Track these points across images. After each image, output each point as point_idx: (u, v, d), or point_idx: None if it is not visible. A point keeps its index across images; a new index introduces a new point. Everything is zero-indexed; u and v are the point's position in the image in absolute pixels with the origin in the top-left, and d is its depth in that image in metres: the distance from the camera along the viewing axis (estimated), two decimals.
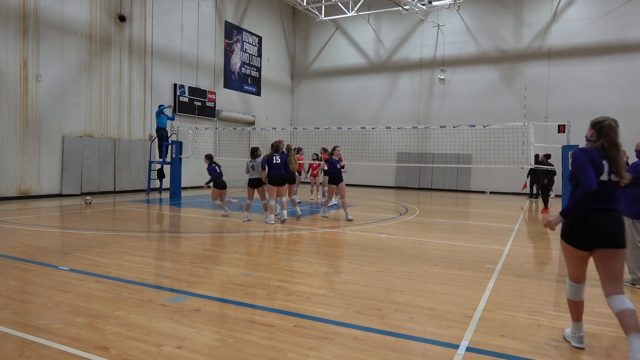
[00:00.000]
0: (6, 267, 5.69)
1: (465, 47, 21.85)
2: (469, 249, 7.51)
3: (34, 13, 13.51)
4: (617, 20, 18.80)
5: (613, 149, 3.31)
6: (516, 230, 9.90)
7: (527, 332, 3.88)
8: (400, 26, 23.32)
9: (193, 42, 19.38)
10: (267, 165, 9.86)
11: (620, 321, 3.24)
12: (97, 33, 15.40)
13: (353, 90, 24.57)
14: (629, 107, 18.56)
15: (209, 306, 4.40)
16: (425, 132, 20.86)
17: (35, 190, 13.80)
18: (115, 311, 4.16)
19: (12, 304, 4.31)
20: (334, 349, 3.44)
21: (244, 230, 8.94)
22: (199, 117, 19.46)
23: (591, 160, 3.34)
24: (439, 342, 3.62)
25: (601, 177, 3.33)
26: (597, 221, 3.29)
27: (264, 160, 9.97)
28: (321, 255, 6.90)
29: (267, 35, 24.17)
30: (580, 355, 3.44)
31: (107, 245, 7.14)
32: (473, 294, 4.94)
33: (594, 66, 19.25)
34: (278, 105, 25.44)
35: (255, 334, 3.70)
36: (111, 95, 16.00)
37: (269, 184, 9.97)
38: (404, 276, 5.68)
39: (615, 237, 3.29)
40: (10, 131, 13.11)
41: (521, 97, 19.27)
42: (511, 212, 13.73)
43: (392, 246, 7.65)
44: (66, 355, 3.24)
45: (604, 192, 3.31)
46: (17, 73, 13.21)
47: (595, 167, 3.31)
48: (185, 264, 6.10)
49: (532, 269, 6.23)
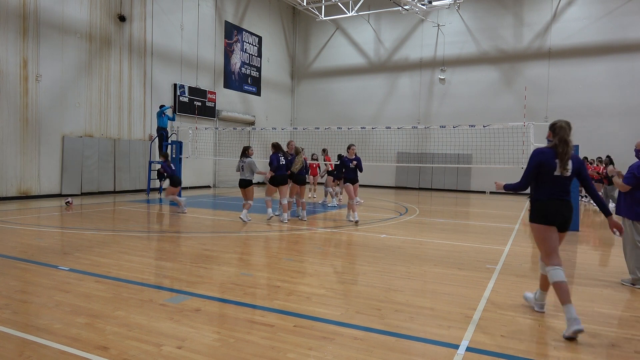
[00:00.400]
0: (6, 267, 5.69)
1: (465, 47, 21.86)
2: (469, 249, 7.51)
3: (34, 13, 13.51)
4: (617, 20, 18.80)
5: (562, 145, 3.94)
6: (516, 230, 9.90)
7: (527, 332, 3.88)
8: (400, 26, 23.32)
9: (193, 42, 19.38)
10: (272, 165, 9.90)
11: (556, 290, 3.90)
12: (97, 33, 15.40)
13: (353, 90, 24.57)
14: (629, 107, 18.57)
15: (209, 306, 4.40)
16: (425, 132, 20.87)
17: (35, 190, 13.80)
18: (115, 311, 4.16)
19: (12, 304, 4.31)
20: (334, 349, 3.44)
21: (244, 230, 8.94)
22: (199, 117, 19.46)
23: (540, 164, 3.98)
24: (439, 342, 3.62)
25: (555, 172, 3.95)
26: (554, 208, 3.99)
27: (275, 158, 9.90)
28: (321, 255, 6.90)
29: (267, 35, 24.17)
30: (580, 355, 3.44)
31: (107, 245, 7.14)
32: (473, 294, 4.94)
33: (594, 66, 19.26)
34: (278, 105, 25.44)
35: (255, 334, 3.70)
36: (111, 95, 16.00)
37: (270, 184, 10.01)
38: (404, 276, 5.68)
39: (566, 221, 4.04)
40: (10, 131, 13.11)
41: (521, 97, 19.28)
42: (511, 212, 13.73)
43: (392, 246, 7.65)
44: (66, 355, 3.24)
45: (557, 185, 3.99)
46: (17, 73, 13.21)
47: (548, 166, 3.96)
48: (185, 264, 6.10)
49: (532, 269, 6.23)
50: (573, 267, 6.62)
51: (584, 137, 17.82)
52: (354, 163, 10.05)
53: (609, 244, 8.68)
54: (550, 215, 3.97)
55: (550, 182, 3.97)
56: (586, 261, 7.02)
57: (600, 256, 7.57)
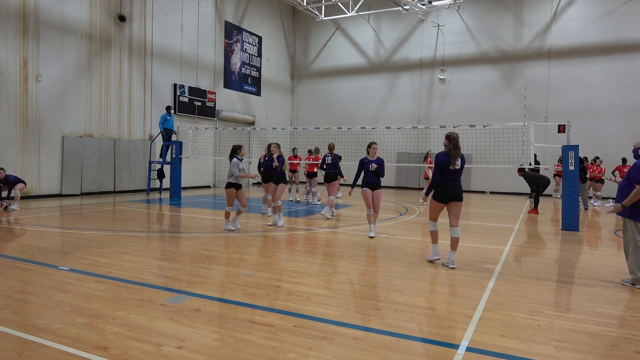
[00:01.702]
0: (6, 267, 5.69)
1: (465, 47, 21.86)
2: (469, 249, 7.51)
3: (34, 13, 13.50)
4: (617, 20, 18.80)
5: (455, 150, 6.21)
6: (516, 230, 9.90)
7: (527, 332, 3.88)
8: (400, 26, 23.32)
9: (193, 42, 19.38)
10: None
11: (451, 242, 6.31)
12: (97, 33, 15.39)
13: (353, 90, 24.57)
14: (629, 107, 18.56)
15: (209, 306, 4.40)
16: (425, 132, 20.86)
17: (35, 190, 13.79)
18: (115, 311, 4.16)
19: (12, 304, 4.31)
20: (334, 349, 3.44)
21: (244, 230, 8.94)
22: (199, 117, 19.46)
23: (442, 162, 6.19)
24: (439, 342, 3.62)
25: (450, 167, 6.18)
26: (449, 189, 6.23)
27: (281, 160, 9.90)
28: (321, 255, 6.90)
29: (267, 35, 24.17)
30: (580, 355, 3.44)
31: (107, 245, 7.14)
32: (473, 294, 4.94)
33: (594, 66, 19.25)
34: (278, 105, 25.44)
35: (255, 334, 3.70)
36: (111, 95, 16.00)
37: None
38: (404, 276, 5.68)
39: (458, 195, 6.27)
40: (10, 131, 13.11)
41: (521, 97, 19.29)
42: (511, 212, 13.73)
43: (392, 246, 7.65)
44: (66, 355, 3.24)
45: (451, 175, 6.22)
46: (17, 73, 13.21)
47: (445, 164, 6.19)
48: (185, 264, 6.10)
49: (532, 269, 6.22)
50: (573, 267, 6.62)
51: (584, 137, 17.84)
52: (373, 166, 8.35)
53: (609, 244, 8.68)
54: (444, 194, 6.22)
55: (448, 173, 6.20)
56: (586, 261, 7.02)
57: (600, 256, 7.57)
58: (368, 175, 8.42)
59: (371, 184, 8.39)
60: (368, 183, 8.41)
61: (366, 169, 8.41)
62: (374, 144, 8.48)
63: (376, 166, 8.33)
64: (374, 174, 8.38)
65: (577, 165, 9.97)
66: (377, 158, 8.43)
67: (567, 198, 9.92)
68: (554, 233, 9.75)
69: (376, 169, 8.35)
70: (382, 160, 8.45)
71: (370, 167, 8.34)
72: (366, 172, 8.44)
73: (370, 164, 8.35)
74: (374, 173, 8.37)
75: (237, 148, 9.04)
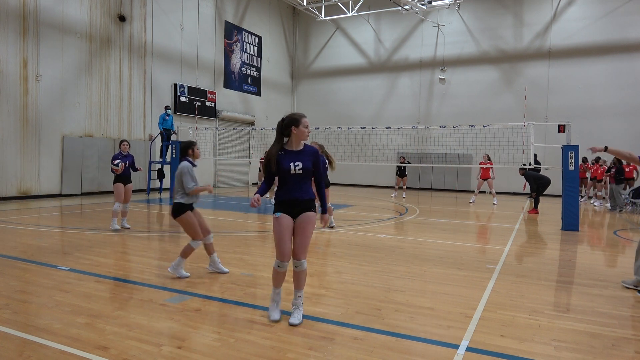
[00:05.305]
0: (6, 267, 5.69)
1: (465, 47, 21.86)
2: (469, 249, 7.51)
3: (34, 13, 13.50)
4: (617, 20, 18.80)
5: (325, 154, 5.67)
6: (516, 230, 9.89)
7: (527, 332, 3.88)
8: (400, 26, 23.32)
9: (193, 42, 19.37)
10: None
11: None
12: (97, 33, 15.39)
13: (353, 90, 24.57)
14: (629, 107, 18.56)
15: (209, 306, 4.40)
16: (425, 132, 20.87)
17: (35, 190, 13.79)
18: (115, 311, 4.16)
19: (12, 304, 4.31)
20: (334, 349, 3.44)
21: (244, 230, 8.93)
22: (199, 117, 19.45)
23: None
24: (439, 342, 3.62)
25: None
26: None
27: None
28: (321, 255, 6.89)
29: (267, 35, 24.17)
30: (580, 355, 3.44)
31: (107, 245, 7.14)
32: (473, 294, 4.94)
33: (594, 66, 19.25)
34: (278, 105, 25.43)
35: (255, 334, 3.70)
36: (111, 95, 16.00)
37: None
38: (404, 276, 5.68)
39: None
40: (10, 131, 13.11)
41: (521, 97, 19.28)
42: (511, 212, 13.73)
43: (392, 246, 7.65)
44: (66, 355, 3.24)
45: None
46: (17, 73, 13.21)
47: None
48: (185, 263, 6.10)
49: (532, 269, 6.22)
50: (573, 267, 6.61)
51: (583, 137, 17.82)
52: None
53: (610, 245, 8.68)
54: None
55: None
56: (586, 261, 7.02)
57: (600, 256, 7.57)
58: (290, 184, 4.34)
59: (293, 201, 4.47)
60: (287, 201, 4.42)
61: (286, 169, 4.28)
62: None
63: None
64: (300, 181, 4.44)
65: (577, 165, 9.97)
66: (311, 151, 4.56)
67: (567, 198, 9.92)
68: (555, 233, 9.74)
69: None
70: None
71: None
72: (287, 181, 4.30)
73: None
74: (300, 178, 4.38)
75: (189, 146, 6.09)
